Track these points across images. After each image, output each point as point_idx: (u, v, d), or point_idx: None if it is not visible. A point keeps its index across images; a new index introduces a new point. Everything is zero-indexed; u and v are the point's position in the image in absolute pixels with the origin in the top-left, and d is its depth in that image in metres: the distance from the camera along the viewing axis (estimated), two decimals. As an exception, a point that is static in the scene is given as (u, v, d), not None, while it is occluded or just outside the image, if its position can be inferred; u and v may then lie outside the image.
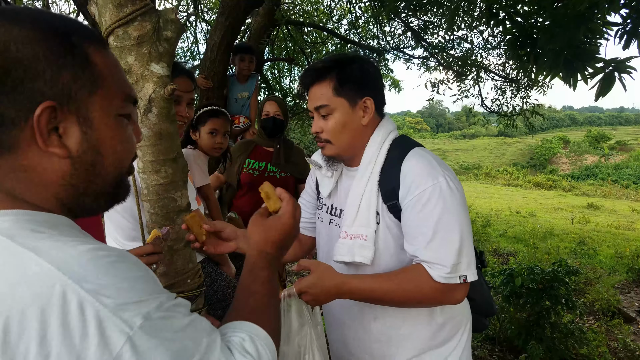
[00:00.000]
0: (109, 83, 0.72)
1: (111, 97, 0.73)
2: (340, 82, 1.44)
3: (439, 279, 1.28)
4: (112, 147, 0.73)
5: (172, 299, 0.67)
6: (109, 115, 0.72)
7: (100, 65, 0.71)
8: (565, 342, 3.66)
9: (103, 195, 0.76)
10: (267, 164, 3.21)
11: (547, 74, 2.92)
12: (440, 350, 1.49)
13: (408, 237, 1.37)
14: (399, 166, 1.41)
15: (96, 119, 0.71)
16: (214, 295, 2.17)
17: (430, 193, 1.32)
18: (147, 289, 0.64)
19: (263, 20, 5.27)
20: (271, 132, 3.20)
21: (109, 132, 0.72)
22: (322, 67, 1.47)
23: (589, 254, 8.19)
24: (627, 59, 2.56)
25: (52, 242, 0.62)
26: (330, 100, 1.44)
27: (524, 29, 3.16)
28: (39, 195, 0.70)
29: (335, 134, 1.46)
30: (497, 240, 9.17)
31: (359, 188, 1.46)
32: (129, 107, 0.77)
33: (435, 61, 7.60)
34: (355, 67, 1.46)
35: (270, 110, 3.19)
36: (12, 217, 0.65)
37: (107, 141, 0.72)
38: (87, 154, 0.70)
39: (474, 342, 4.11)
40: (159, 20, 1.53)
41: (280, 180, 3.20)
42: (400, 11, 5.77)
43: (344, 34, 7.88)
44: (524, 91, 7.14)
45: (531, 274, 3.77)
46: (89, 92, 0.69)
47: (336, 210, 1.59)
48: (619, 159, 41.31)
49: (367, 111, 1.48)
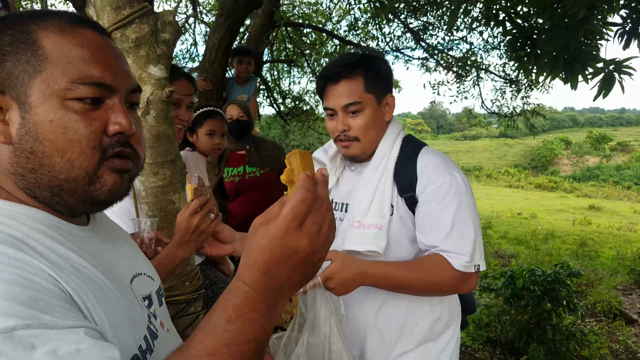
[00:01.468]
0: (57, 65, 0.67)
1: (54, 80, 0.67)
2: (372, 78, 1.47)
3: (458, 267, 1.36)
4: (52, 133, 0.66)
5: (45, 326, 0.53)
6: (51, 99, 0.67)
7: (47, 48, 0.67)
8: (566, 344, 3.65)
9: (65, 191, 0.69)
10: (244, 166, 3.23)
11: (547, 74, 2.92)
12: (437, 343, 1.54)
13: (424, 228, 1.43)
14: (414, 161, 1.48)
15: (34, 103, 0.66)
16: (213, 297, 2.16)
17: (449, 187, 1.41)
18: (8, 305, 0.52)
19: (262, 22, 5.27)
20: (238, 134, 3.22)
21: (48, 117, 0.66)
22: (352, 62, 1.47)
23: (591, 255, 8.18)
24: (626, 59, 2.55)
25: None
26: (362, 96, 1.46)
27: (524, 29, 3.15)
28: (6, 184, 0.70)
29: (364, 131, 1.49)
30: (499, 242, 9.16)
31: (373, 179, 1.50)
32: (87, 90, 0.68)
33: (434, 62, 7.60)
34: (382, 64, 1.51)
35: (233, 114, 3.21)
36: None
37: (45, 126, 0.66)
38: (26, 140, 0.67)
39: (475, 344, 4.10)
40: (157, 23, 1.52)
41: (263, 177, 3.21)
42: (399, 12, 5.77)
43: (343, 35, 7.88)
44: (524, 92, 7.13)
45: (532, 276, 3.77)
46: (30, 76, 0.67)
47: (337, 205, 1.62)
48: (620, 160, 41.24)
49: (389, 108, 1.54)
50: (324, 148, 1.74)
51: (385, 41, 7.74)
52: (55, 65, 0.67)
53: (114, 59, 0.74)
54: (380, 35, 7.68)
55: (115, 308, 0.69)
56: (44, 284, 0.57)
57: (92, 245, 0.75)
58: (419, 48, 7.58)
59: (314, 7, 8.19)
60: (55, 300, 0.57)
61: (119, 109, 0.72)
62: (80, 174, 0.69)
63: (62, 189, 0.69)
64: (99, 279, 0.69)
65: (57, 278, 0.61)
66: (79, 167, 0.69)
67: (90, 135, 0.69)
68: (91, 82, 0.69)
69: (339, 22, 8.27)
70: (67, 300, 0.60)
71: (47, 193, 0.69)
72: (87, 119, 0.69)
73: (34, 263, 0.59)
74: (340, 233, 1.54)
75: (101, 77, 0.70)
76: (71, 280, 0.62)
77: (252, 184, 3.19)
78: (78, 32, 0.71)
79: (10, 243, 0.60)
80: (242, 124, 3.20)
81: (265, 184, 3.22)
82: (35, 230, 0.66)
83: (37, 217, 0.69)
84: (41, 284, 0.57)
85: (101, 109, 0.71)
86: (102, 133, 0.70)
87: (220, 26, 4.11)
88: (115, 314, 0.67)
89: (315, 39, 8.01)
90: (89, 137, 0.68)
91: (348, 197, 1.57)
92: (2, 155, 0.69)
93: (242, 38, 6.84)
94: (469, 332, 4.21)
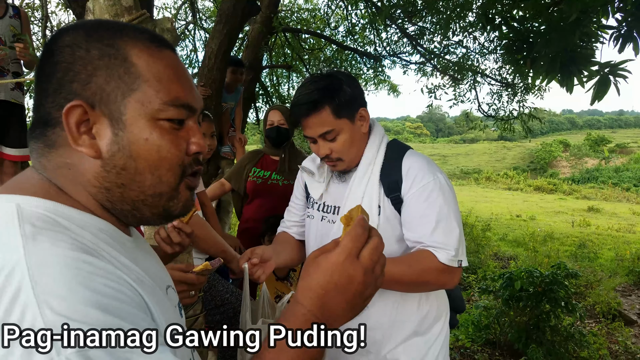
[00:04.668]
0: (150, 85, 0.69)
1: (149, 100, 0.69)
2: (337, 108, 1.50)
3: (445, 261, 1.42)
4: (147, 152, 0.69)
5: (148, 345, 0.54)
6: (145, 118, 0.69)
7: (139, 67, 0.69)
8: (565, 345, 3.66)
9: (147, 206, 0.72)
10: (272, 172, 3.21)
11: (543, 77, 2.95)
12: (426, 337, 1.58)
13: (410, 225, 1.49)
14: (398, 163, 1.54)
15: (129, 121, 0.68)
16: (212, 300, 2.18)
17: (433, 186, 1.47)
18: (106, 319, 0.52)
19: (260, 28, 5.30)
20: (275, 141, 3.19)
21: (143, 135, 0.68)
22: (315, 99, 1.49)
23: (590, 257, 8.19)
24: (621, 62, 2.57)
25: (49, 235, 0.58)
26: (334, 124, 1.50)
27: (520, 33, 3.18)
28: (79, 194, 0.69)
29: (346, 151, 1.55)
30: (498, 245, 9.17)
31: (361, 184, 1.56)
32: (176, 112, 0.71)
33: (431, 66, 7.63)
34: (345, 90, 1.51)
35: (274, 120, 3.17)
36: (41, 204, 0.64)
37: (140, 145, 0.68)
38: (118, 157, 0.68)
39: (474, 346, 4.11)
40: (156, 30, 1.55)
41: (283, 188, 3.19)
42: (395, 17, 5.81)
43: (341, 41, 7.92)
44: (520, 95, 7.16)
45: (530, 277, 3.78)
46: (124, 94, 0.68)
47: (329, 208, 1.67)
48: (619, 161, 41.30)
49: (364, 120, 1.58)
50: (311, 157, 1.80)
51: (382, 46, 7.78)
52: (148, 85, 0.69)
53: (191, 80, 0.78)
54: (377, 40, 7.72)
55: (171, 318, 0.71)
56: (130, 295, 0.59)
57: (138, 254, 0.76)
58: (415, 53, 7.62)
59: (312, 12, 8.23)
60: (142, 314, 0.59)
61: (197, 130, 0.76)
62: (165, 190, 0.73)
63: (145, 204, 0.72)
64: (156, 289, 0.71)
65: (136, 287, 0.62)
66: (165, 184, 0.72)
67: (179, 154, 0.73)
68: (180, 104, 0.72)
69: (337, 27, 8.30)
70: (146, 311, 0.62)
71: (127, 207, 0.72)
72: (176, 139, 0.72)
73: (117, 273, 0.61)
74: (332, 234, 1.61)
75: (187, 99, 0.73)
76: (141, 288, 0.64)
77: (270, 191, 3.15)
78: (163, 52, 0.73)
79: (91, 252, 0.61)
80: (281, 131, 3.16)
81: (282, 195, 3.19)
82: (101, 241, 0.66)
83: (102, 228, 0.69)
84: (128, 294, 0.59)
85: (183, 129, 0.74)
86: (185, 152, 0.75)
87: (218, 33, 4.13)
88: (172, 324, 0.68)
89: (313, 44, 8.05)
90: (177, 155, 0.72)
91: (339, 200, 1.63)
92: (85, 168, 0.68)
93: (241, 44, 6.87)
94: (468, 333, 4.23)
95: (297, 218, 1.88)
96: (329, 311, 0.68)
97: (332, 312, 0.68)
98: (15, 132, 3.42)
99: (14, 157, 3.43)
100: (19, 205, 0.61)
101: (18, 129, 3.44)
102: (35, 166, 0.71)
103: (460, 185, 29.63)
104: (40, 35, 6.12)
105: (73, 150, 0.67)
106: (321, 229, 1.68)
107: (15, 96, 3.39)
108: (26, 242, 0.55)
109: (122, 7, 1.48)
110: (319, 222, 1.69)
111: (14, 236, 0.56)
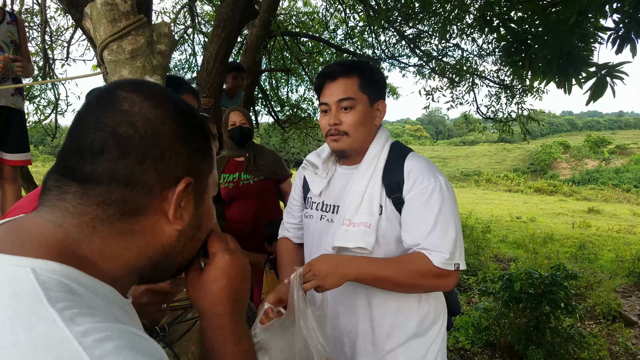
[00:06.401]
0: (214, 162, 0.77)
1: (214, 178, 0.76)
2: (367, 80, 1.56)
3: (438, 264, 1.42)
4: (208, 224, 0.76)
5: None
6: (211, 193, 0.76)
7: (213, 150, 0.76)
8: (565, 346, 3.66)
9: (179, 269, 0.77)
10: (240, 173, 3.25)
11: (541, 79, 2.96)
12: (424, 339, 1.58)
13: (409, 226, 1.50)
14: (401, 164, 1.56)
15: (206, 197, 0.75)
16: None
17: (433, 188, 1.49)
18: None
19: (259, 32, 5.31)
20: (240, 141, 3.23)
21: (209, 209, 0.76)
22: (349, 64, 1.58)
23: (590, 258, 8.19)
24: (618, 64, 2.58)
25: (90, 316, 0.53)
26: (356, 94, 1.55)
27: (518, 35, 3.19)
28: (109, 261, 0.64)
29: (354, 127, 1.57)
30: (498, 246, 9.16)
31: (363, 180, 1.58)
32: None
33: (429, 69, 7.63)
34: (377, 71, 1.62)
35: (236, 120, 3.22)
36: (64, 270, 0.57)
37: (207, 217, 0.75)
38: (191, 228, 0.72)
39: (474, 348, 4.11)
40: (153, 34, 1.56)
41: (256, 186, 3.22)
42: (392, 20, 5.82)
43: (340, 44, 7.93)
44: (518, 97, 7.16)
45: (530, 279, 3.78)
46: (206, 173, 0.74)
47: (328, 207, 1.69)
48: (619, 163, 41.30)
49: (379, 114, 1.63)
50: (317, 152, 1.81)
51: (381, 49, 7.79)
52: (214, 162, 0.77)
53: None
54: (376, 43, 7.73)
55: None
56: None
57: (134, 317, 0.71)
58: (414, 56, 7.63)
59: (310, 16, 8.25)
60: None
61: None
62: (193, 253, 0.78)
63: (180, 268, 0.77)
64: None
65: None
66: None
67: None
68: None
69: (335, 30, 8.32)
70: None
71: (158, 270, 0.72)
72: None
73: (151, 339, 0.58)
74: (331, 232, 1.61)
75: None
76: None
77: (244, 192, 3.20)
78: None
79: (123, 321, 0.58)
80: (244, 130, 3.22)
81: (258, 192, 3.22)
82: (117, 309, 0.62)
83: (108, 294, 0.63)
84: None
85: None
86: None
87: (217, 37, 4.14)
88: None
89: (312, 47, 8.06)
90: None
91: (339, 199, 1.64)
92: (158, 237, 0.68)
93: (240, 48, 6.88)
94: (468, 335, 4.22)
95: (296, 220, 1.89)
96: (236, 305, 0.79)
97: (241, 302, 0.81)
98: (15, 137, 3.43)
99: (14, 162, 3.44)
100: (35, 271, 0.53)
101: (18, 134, 3.45)
102: (62, 223, 0.62)
103: (460, 188, 29.62)
104: (39, 40, 6.12)
105: (153, 220, 0.66)
106: (320, 228, 1.69)
107: (15, 102, 3.41)
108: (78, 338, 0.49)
109: (119, 12, 1.49)
110: (318, 221, 1.70)
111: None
